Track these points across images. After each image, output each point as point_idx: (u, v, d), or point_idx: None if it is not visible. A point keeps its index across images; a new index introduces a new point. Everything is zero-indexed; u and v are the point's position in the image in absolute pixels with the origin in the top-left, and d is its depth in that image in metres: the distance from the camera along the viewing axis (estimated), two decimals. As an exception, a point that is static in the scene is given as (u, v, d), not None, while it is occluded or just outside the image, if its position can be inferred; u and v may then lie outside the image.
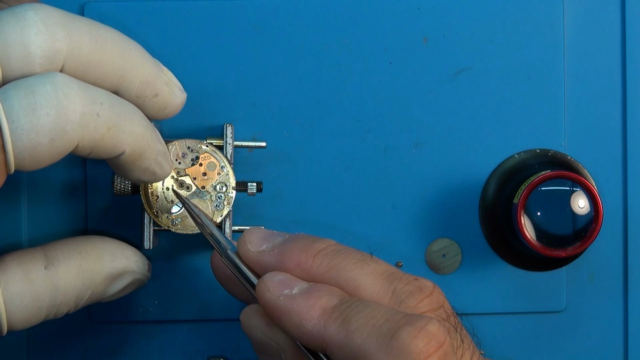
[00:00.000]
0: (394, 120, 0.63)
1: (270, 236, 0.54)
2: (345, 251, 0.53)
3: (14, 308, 0.53)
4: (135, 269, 0.58)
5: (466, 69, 0.63)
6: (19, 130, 0.48)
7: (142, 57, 0.54)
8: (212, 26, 0.62)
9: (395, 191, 0.63)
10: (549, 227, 0.60)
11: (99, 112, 0.50)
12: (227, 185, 0.59)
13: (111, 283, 0.57)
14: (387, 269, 0.53)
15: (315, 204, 0.63)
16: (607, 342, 0.64)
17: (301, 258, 0.53)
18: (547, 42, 0.63)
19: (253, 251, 0.53)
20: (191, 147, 0.59)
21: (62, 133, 0.49)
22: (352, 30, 0.62)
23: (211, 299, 0.63)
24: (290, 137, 0.63)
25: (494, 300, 0.63)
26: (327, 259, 0.52)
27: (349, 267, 0.52)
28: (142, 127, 0.52)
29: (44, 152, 0.49)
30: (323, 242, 0.54)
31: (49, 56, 0.50)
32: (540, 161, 0.62)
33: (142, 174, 0.54)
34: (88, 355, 0.63)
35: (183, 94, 0.56)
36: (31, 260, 0.54)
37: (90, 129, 0.50)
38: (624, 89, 0.63)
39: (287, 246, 0.53)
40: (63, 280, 0.54)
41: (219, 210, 0.59)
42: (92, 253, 0.56)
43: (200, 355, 0.63)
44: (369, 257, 0.53)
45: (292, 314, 0.50)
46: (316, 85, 0.62)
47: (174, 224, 0.59)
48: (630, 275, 0.64)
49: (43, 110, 0.49)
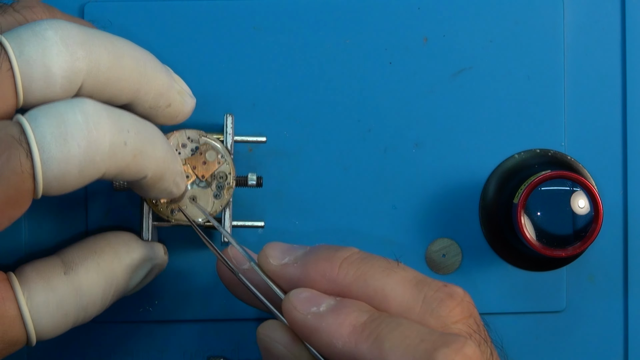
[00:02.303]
0: (394, 120, 0.63)
1: (292, 249, 0.53)
2: (370, 259, 0.52)
3: (41, 318, 0.53)
4: (152, 256, 0.58)
5: (466, 69, 0.63)
6: (50, 160, 0.49)
7: (156, 69, 0.54)
8: (212, 26, 0.62)
9: (395, 191, 0.63)
10: (549, 227, 0.60)
11: (127, 140, 0.50)
12: (227, 175, 0.59)
13: (132, 274, 0.56)
14: (415, 275, 0.52)
15: (315, 204, 0.63)
16: (607, 342, 0.64)
17: (326, 268, 0.52)
18: (547, 42, 0.63)
19: (275, 264, 0.53)
20: (191, 137, 0.59)
21: (91, 163, 0.49)
22: (352, 30, 0.62)
23: (211, 299, 0.63)
24: (290, 137, 0.63)
25: (494, 300, 0.63)
26: (353, 268, 0.51)
27: (376, 276, 0.51)
28: (163, 152, 0.53)
29: (72, 180, 0.49)
30: (346, 250, 0.53)
31: (69, 76, 0.51)
32: (540, 161, 0.62)
33: (159, 194, 0.55)
34: (88, 355, 0.63)
35: (193, 100, 0.57)
36: (50, 269, 0.54)
37: (117, 158, 0.50)
38: (624, 89, 0.63)
39: (310, 257, 0.52)
40: (84, 282, 0.54)
41: (219, 200, 0.59)
42: (107, 249, 0.56)
43: (200, 355, 0.63)
44: (396, 264, 0.52)
45: (321, 333, 0.49)
46: (316, 85, 0.62)
47: (173, 213, 0.58)
48: (630, 276, 0.64)
49: (75, 141, 0.49)
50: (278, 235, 0.62)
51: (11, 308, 0.52)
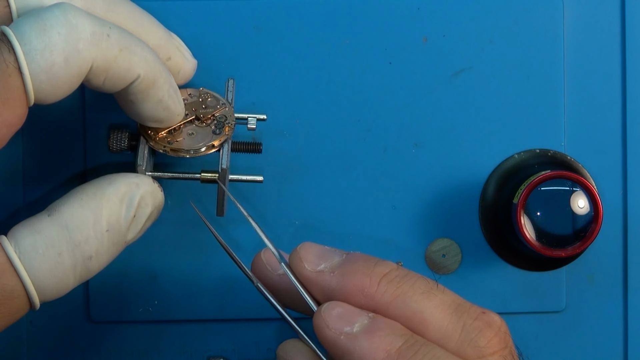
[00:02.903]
0: (394, 120, 0.63)
1: (327, 253, 0.51)
2: (410, 278, 0.50)
3: (32, 261, 0.51)
4: (138, 182, 0.55)
5: (466, 69, 0.63)
6: (33, 51, 0.49)
7: (152, 21, 0.56)
8: (212, 26, 0.62)
9: (395, 191, 0.63)
10: (548, 227, 0.60)
11: (109, 33, 0.51)
12: (227, 116, 0.58)
13: (122, 205, 0.53)
14: (453, 299, 0.50)
15: (315, 204, 0.63)
16: (606, 342, 0.64)
17: (365, 283, 0.49)
18: (547, 42, 0.63)
19: (311, 270, 0.50)
20: (192, 93, 0.59)
21: (75, 51, 0.50)
22: (352, 30, 0.62)
23: (211, 299, 0.63)
24: (290, 137, 0.63)
25: (494, 300, 0.63)
26: (393, 287, 0.50)
27: (415, 298, 0.49)
28: (152, 55, 0.53)
29: (60, 73, 0.50)
30: (385, 265, 0.50)
31: None
32: (540, 161, 0.62)
33: (156, 106, 0.54)
34: (88, 355, 0.63)
35: (194, 60, 0.58)
36: (35, 217, 0.53)
37: (102, 48, 0.51)
38: (624, 89, 0.64)
39: (348, 268, 0.50)
40: (69, 218, 0.52)
41: (217, 135, 0.58)
42: (89, 187, 0.54)
43: (200, 355, 0.63)
44: (435, 285, 0.50)
45: (354, 356, 0.48)
46: (316, 85, 0.62)
47: (170, 143, 0.57)
48: (629, 275, 0.64)
49: (54, 30, 0.50)
50: (278, 235, 0.62)
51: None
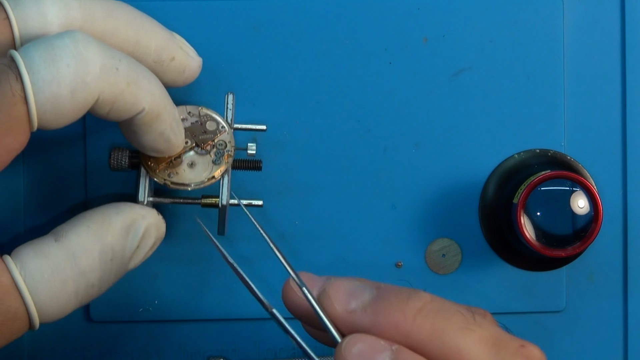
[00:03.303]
0: (394, 120, 0.63)
1: (358, 291, 0.48)
2: (446, 311, 0.48)
3: (37, 285, 0.51)
4: (144, 213, 0.56)
5: (466, 69, 0.63)
6: (40, 82, 0.49)
7: (153, 23, 0.55)
8: (212, 26, 0.62)
9: (395, 191, 0.63)
10: (548, 227, 0.60)
11: (118, 66, 0.51)
12: (227, 143, 0.58)
13: (126, 236, 0.55)
14: (492, 334, 0.48)
15: (315, 204, 0.63)
16: (606, 342, 0.64)
17: (399, 320, 0.47)
18: (547, 42, 0.63)
19: (341, 310, 0.48)
20: (191, 111, 0.59)
21: (83, 84, 0.49)
22: (352, 30, 0.62)
23: (211, 299, 0.63)
24: (290, 137, 0.63)
25: (494, 300, 0.63)
26: (429, 322, 0.47)
27: (452, 335, 0.47)
28: (159, 88, 0.53)
29: (65, 104, 0.49)
30: (419, 298, 0.48)
31: (65, 24, 0.52)
32: (540, 161, 0.62)
33: (157, 138, 0.54)
34: (88, 355, 0.63)
35: (198, 57, 0.58)
36: (41, 240, 0.53)
37: (110, 82, 0.50)
38: (624, 89, 0.63)
39: (380, 305, 0.47)
40: (76, 246, 0.53)
41: (217, 165, 0.58)
42: (96, 214, 0.55)
43: (200, 355, 0.63)
44: (472, 318, 0.48)
45: None
46: (316, 85, 0.62)
47: (170, 177, 0.57)
48: (629, 275, 0.64)
49: (63, 61, 0.49)
50: (278, 235, 0.62)
51: (3, 276, 0.51)
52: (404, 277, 0.63)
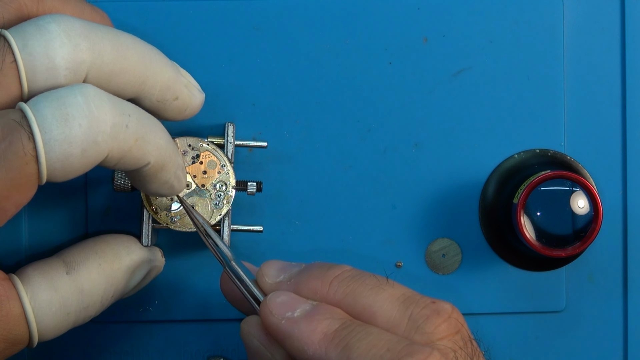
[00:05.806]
0: (394, 120, 0.63)
1: (287, 267, 0.55)
2: (360, 276, 0.53)
3: (43, 317, 0.53)
4: (151, 257, 0.58)
5: (466, 69, 0.63)
6: (52, 142, 0.49)
7: (161, 62, 0.55)
8: (212, 26, 0.62)
9: (395, 191, 0.63)
10: (548, 227, 0.60)
11: (128, 123, 0.51)
12: (227, 184, 0.59)
13: (131, 276, 0.57)
14: (403, 292, 0.52)
15: (315, 204, 0.63)
16: (606, 342, 0.64)
17: (317, 286, 0.53)
18: (547, 42, 0.63)
19: (270, 282, 0.54)
20: (192, 145, 0.59)
21: (93, 144, 0.49)
22: (352, 30, 0.62)
23: (211, 299, 0.63)
24: (290, 137, 0.63)
25: (494, 300, 0.63)
26: (343, 286, 0.53)
27: (364, 294, 0.52)
28: (165, 140, 0.53)
29: (75, 163, 0.49)
30: (338, 268, 0.54)
31: (73, 67, 0.51)
32: (540, 161, 0.62)
33: (161, 186, 0.54)
34: (88, 355, 0.63)
35: (201, 95, 0.57)
36: (52, 269, 0.55)
37: (119, 140, 0.50)
38: (624, 89, 0.63)
39: (303, 275, 0.54)
40: (86, 282, 0.55)
41: (218, 209, 0.59)
42: (107, 251, 0.57)
43: (200, 355, 0.63)
44: (385, 281, 0.53)
45: (293, 339, 0.51)
46: (316, 85, 0.62)
47: (173, 221, 0.59)
48: (629, 275, 0.64)
49: (75, 121, 0.49)
50: (278, 234, 0.62)
51: (15, 307, 0.52)
52: (404, 277, 0.63)
